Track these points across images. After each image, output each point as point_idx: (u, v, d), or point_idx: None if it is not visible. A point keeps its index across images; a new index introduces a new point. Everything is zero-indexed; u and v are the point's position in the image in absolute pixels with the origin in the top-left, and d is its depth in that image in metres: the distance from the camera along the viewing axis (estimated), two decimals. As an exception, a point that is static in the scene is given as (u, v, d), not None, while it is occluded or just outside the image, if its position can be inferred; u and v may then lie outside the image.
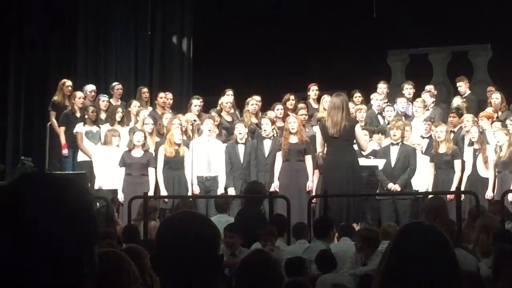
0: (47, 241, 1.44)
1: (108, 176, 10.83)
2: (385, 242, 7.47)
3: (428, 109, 12.09)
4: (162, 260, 2.21)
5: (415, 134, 11.27)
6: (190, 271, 2.18)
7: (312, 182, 10.48)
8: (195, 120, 11.32)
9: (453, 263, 2.11)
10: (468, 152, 10.69)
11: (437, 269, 2.08)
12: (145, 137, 10.88)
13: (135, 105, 12.20)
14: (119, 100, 12.70)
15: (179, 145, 10.75)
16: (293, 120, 10.65)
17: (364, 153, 10.48)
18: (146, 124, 11.25)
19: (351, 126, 9.32)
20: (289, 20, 14.97)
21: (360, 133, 9.65)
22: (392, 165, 10.45)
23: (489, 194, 10.19)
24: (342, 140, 9.27)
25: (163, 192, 10.64)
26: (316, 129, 10.08)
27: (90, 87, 12.70)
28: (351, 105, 11.45)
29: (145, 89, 12.97)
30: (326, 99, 12.03)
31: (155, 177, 10.74)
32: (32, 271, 1.43)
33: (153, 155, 10.89)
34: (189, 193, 10.59)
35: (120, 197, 10.61)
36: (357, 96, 12.44)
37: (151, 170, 10.72)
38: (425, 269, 2.07)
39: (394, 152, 10.51)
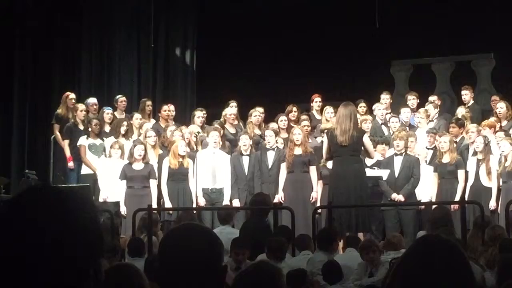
0: (53, 253, 1.44)
1: (113, 188, 10.83)
2: (390, 252, 7.47)
3: (432, 120, 12.07)
4: (165, 271, 2.21)
5: (419, 144, 11.25)
6: (193, 283, 2.18)
7: (317, 193, 10.47)
8: (198, 132, 11.33)
9: (469, 277, 2.09)
10: (471, 162, 10.62)
11: (453, 282, 2.06)
12: (146, 150, 10.87)
13: (137, 117, 12.20)
14: (123, 112, 12.70)
15: (183, 157, 10.74)
16: (298, 132, 10.66)
17: (368, 164, 10.48)
18: (148, 137, 11.24)
19: (359, 136, 9.29)
20: (292, 32, 14.98)
21: (369, 142, 9.64)
22: (396, 176, 10.43)
23: (492, 204, 10.10)
24: (350, 149, 9.24)
25: (168, 204, 10.63)
26: (324, 138, 10.03)
27: (92, 100, 12.69)
28: (356, 115, 11.46)
29: (149, 102, 12.97)
30: (328, 110, 12.04)
31: (157, 189, 10.74)
32: (37, 284, 1.44)
33: (154, 167, 10.87)
34: (194, 205, 10.57)
35: (123, 210, 10.59)
36: (362, 106, 12.39)
37: (152, 182, 10.71)
38: (441, 282, 2.05)
39: (397, 162, 10.50)
